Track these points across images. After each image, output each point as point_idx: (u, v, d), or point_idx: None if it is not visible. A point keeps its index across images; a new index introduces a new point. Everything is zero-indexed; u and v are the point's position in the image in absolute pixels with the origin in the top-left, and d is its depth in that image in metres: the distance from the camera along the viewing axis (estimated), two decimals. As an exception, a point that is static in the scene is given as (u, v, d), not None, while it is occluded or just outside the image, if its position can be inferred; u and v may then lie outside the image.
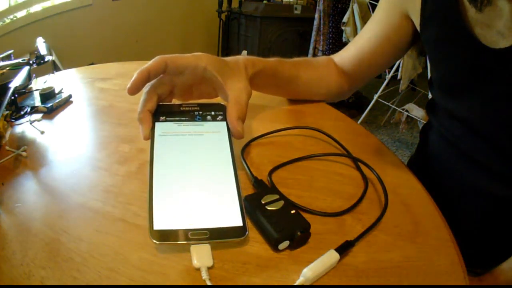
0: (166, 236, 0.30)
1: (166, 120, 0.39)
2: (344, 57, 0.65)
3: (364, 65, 0.63)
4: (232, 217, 0.32)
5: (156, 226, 0.31)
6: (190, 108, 0.40)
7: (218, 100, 0.45)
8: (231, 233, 0.31)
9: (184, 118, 0.39)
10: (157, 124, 0.39)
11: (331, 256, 0.33)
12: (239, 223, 0.32)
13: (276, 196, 0.38)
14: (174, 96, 0.44)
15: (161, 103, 0.41)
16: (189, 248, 0.31)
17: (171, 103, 0.42)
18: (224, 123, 0.40)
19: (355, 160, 0.48)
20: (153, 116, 0.39)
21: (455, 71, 0.51)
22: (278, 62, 0.56)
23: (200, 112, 0.40)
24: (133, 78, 0.38)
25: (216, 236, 0.31)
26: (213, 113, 0.40)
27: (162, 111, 0.40)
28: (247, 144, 0.50)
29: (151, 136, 0.37)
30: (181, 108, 0.41)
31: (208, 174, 0.35)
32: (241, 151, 0.48)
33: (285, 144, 0.52)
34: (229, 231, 0.31)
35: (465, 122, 0.53)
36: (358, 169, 0.47)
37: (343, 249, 0.34)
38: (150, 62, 0.40)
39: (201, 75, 0.42)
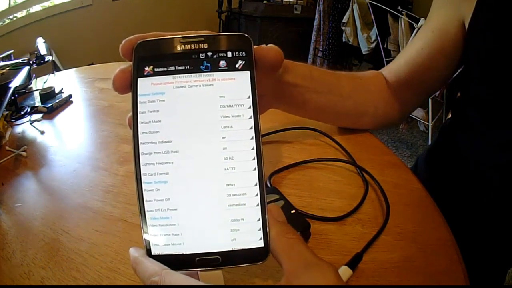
0: (168, 263, 0.23)
1: (154, 73, 0.25)
2: (392, 69, 0.55)
3: (416, 79, 0.53)
4: (251, 235, 0.24)
5: (155, 251, 0.24)
6: (193, 46, 0.26)
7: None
8: (249, 257, 0.24)
9: (183, 67, 0.25)
10: (140, 81, 0.25)
11: (345, 274, 0.32)
12: (259, 243, 0.24)
13: (276, 196, 0.38)
14: None
15: (145, 40, 0.26)
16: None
17: (162, 38, 0.26)
18: (248, 73, 0.26)
19: (355, 165, 0.48)
20: (133, 63, 0.25)
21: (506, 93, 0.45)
22: (309, 65, 0.48)
23: (210, 54, 0.25)
24: (124, 41, 0.27)
25: (230, 262, 0.24)
26: (229, 54, 0.26)
27: (148, 56, 0.25)
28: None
29: (132, 103, 0.25)
30: (179, 47, 0.26)
31: (220, 172, 0.25)
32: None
33: (285, 144, 0.52)
34: (247, 254, 0.24)
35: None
36: (358, 171, 0.47)
37: (355, 263, 0.33)
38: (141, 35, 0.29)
39: None
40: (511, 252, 0.56)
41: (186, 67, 0.25)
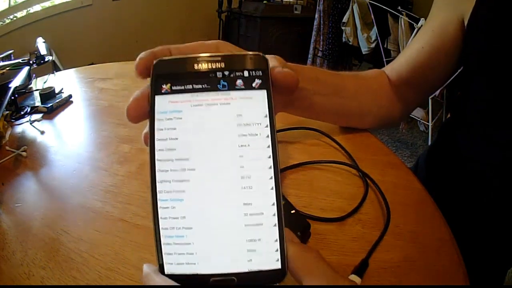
0: (181, 281, 0.23)
1: (171, 91, 0.25)
2: (394, 68, 0.56)
3: (417, 78, 0.54)
4: (269, 256, 0.24)
5: (168, 270, 0.24)
6: (209, 66, 0.26)
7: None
8: (266, 278, 0.24)
9: (200, 86, 0.25)
10: (157, 99, 0.25)
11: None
12: (277, 264, 0.23)
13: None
14: None
15: (162, 58, 0.26)
16: None
17: (179, 57, 0.27)
18: (264, 92, 0.26)
19: (356, 167, 0.48)
20: (151, 81, 0.26)
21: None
22: (314, 67, 0.48)
23: (227, 73, 0.26)
24: (138, 59, 0.27)
25: (246, 283, 0.24)
26: (246, 73, 0.26)
27: (165, 74, 0.26)
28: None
29: (149, 120, 0.25)
30: (196, 66, 0.26)
31: (237, 191, 0.24)
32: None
33: (286, 144, 0.52)
34: (263, 275, 0.23)
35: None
36: (358, 171, 0.47)
37: (362, 270, 0.33)
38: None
39: None
40: (511, 252, 0.56)
41: (204, 86, 0.25)
